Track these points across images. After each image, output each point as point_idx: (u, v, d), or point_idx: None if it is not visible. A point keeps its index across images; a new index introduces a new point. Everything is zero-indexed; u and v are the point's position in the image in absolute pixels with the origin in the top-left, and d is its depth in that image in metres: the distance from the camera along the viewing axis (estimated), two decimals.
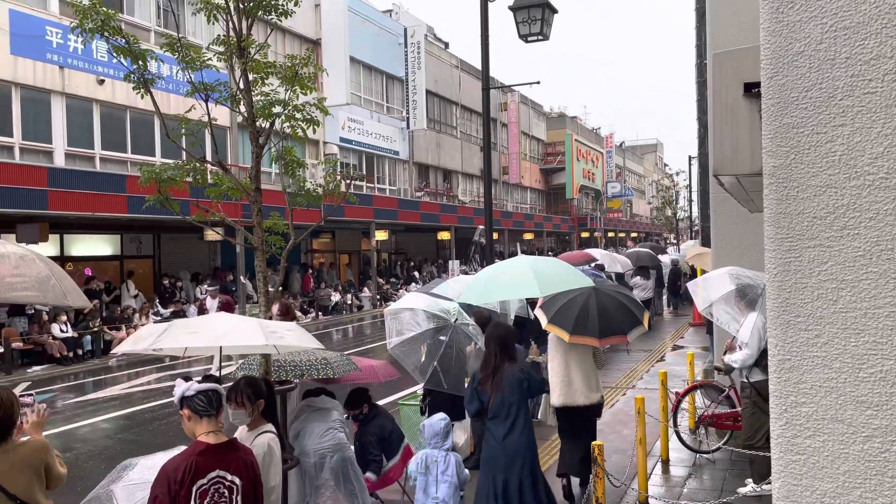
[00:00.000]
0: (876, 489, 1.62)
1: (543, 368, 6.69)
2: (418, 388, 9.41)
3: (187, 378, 3.45)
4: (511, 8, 9.84)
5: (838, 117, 1.65)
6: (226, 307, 12.73)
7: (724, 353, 6.63)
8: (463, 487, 5.06)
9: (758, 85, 1.77)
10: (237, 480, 3.31)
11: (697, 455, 7.39)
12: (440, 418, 5.11)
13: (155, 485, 3.20)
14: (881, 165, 1.61)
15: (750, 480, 6.28)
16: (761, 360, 6.07)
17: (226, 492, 3.27)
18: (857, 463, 1.64)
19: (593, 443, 5.12)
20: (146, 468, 3.84)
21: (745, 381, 6.30)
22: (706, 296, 6.46)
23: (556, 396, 6.01)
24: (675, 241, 46.26)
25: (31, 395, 4.09)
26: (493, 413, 4.96)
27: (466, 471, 5.16)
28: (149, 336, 3.92)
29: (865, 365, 1.63)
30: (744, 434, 6.41)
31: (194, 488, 3.18)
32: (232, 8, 5.29)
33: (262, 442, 3.81)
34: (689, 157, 40.83)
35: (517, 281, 6.19)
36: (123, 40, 4.87)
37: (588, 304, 6.03)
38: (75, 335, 15.69)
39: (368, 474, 5.43)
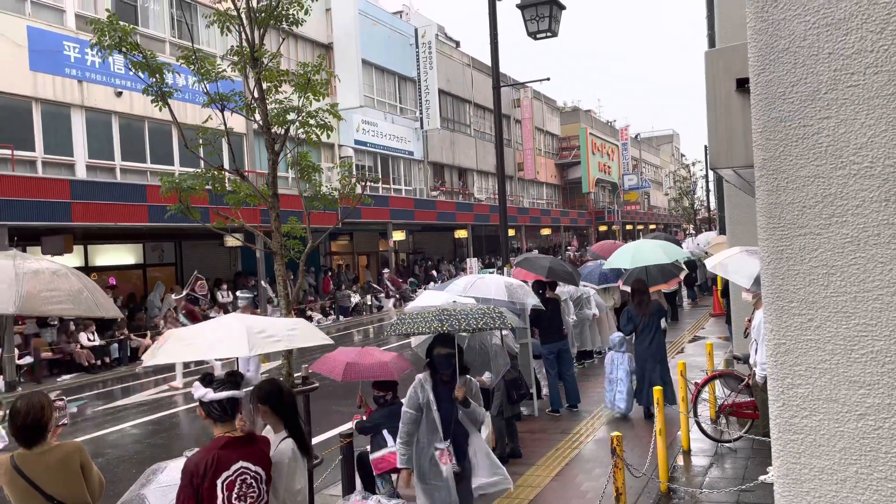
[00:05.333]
0: (871, 465, 1.69)
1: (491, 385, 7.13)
2: None
3: (207, 379, 3.56)
4: (519, 6, 9.90)
5: (823, 110, 1.72)
6: (190, 317, 12.61)
7: (745, 332, 6.79)
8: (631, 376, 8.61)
9: (749, 80, 1.84)
10: (261, 470, 3.43)
11: (719, 444, 7.42)
12: (617, 334, 8.92)
13: (181, 481, 3.35)
14: (865, 155, 1.68)
15: (771, 468, 6.31)
16: None
17: (252, 482, 3.40)
18: (852, 440, 1.71)
19: (612, 434, 5.20)
20: (176, 470, 3.96)
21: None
22: (717, 258, 6.71)
23: None
24: (693, 232, 45.92)
25: (62, 399, 4.24)
26: (641, 329, 8.49)
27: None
28: (153, 349, 3.99)
29: (857, 346, 1.70)
30: (762, 422, 6.45)
31: (219, 481, 3.30)
32: (244, 19, 5.42)
33: (286, 447, 3.91)
34: (705, 147, 40.55)
35: (654, 252, 10.31)
36: (141, 55, 5.02)
37: (650, 270, 10.69)
38: (103, 343, 16.00)
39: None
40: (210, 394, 3.45)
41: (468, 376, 4.95)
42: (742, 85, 2.22)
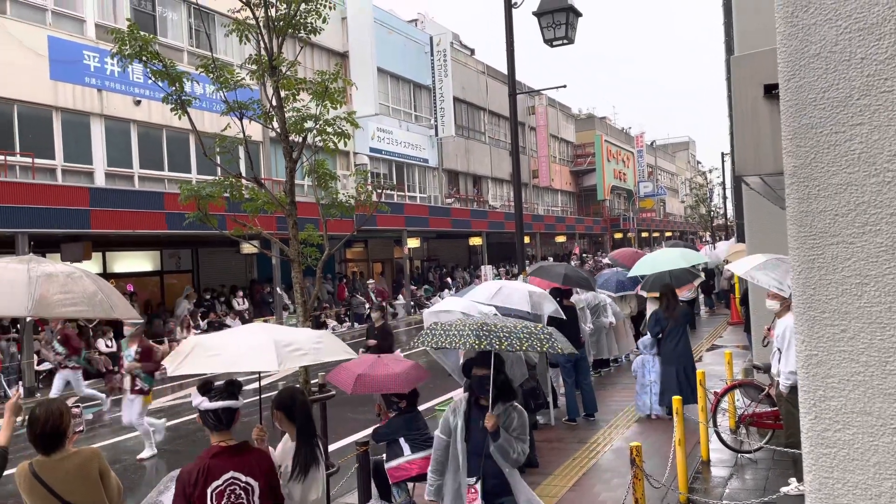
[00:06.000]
0: None
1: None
2: (453, 394, 9.48)
3: (205, 387, 3.54)
4: (535, 13, 9.88)
5: (856, 116, 1.68)
6: (145, 355, 9.39)
7: (764, 341, 6.69)
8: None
9: (777, 86, 1.81)
10: (252, 482, 3.41)
11: (739, 455, 7.32)
12: (646, 339, 9.10)
13: (174, 490, 3.37)
14: None
15: (793, 479, 6.20)
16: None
17: (242, 493, 3.38)
18: (886, 454, 1.67)
19: (631, 444, 5.14)
20: None
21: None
22: (744, 264, 6.51)
23: None
24: (710, 240, 45.57)
25: (78, 406, 4.26)
26: (668, 332, 8.68)
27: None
28: (176, 358, 3.93)
29: (892, 358, 1.66)
30: (785, 433, 6.35)
31: (209, 490, 3.30)
32: (262, 27, 5.45)
33: (292, 448, 3.92)
34: (722, 154, 40.30)
35: (674, 258, 11.00)
36: (161, 64, 5.05)
37: (670, 275, 10.82)
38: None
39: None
40: (205, 402, 3.45)
41: (515, 403, 4.34)
42: (770, 91, 2.19)
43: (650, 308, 10.14)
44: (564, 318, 8.69)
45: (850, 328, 1.70)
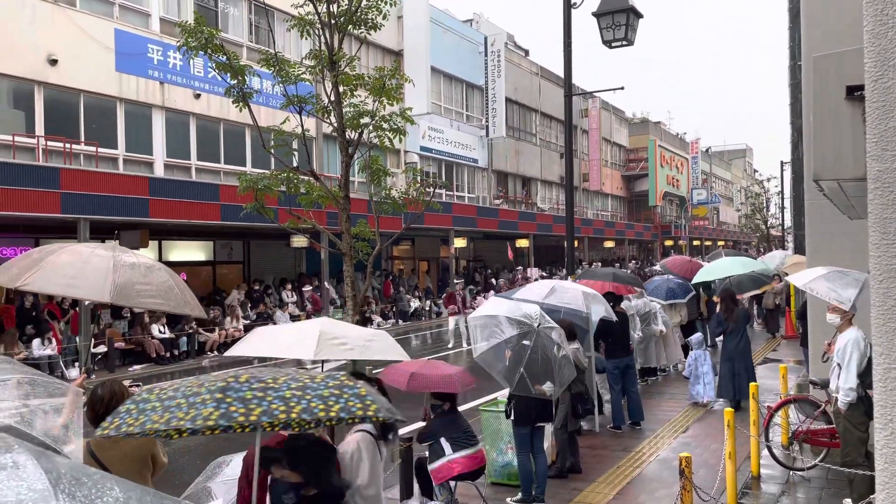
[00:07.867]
0: None
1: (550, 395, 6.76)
2: (498, 395, 9.43)
3: None
4: (595, 14, 9.76)
5: None
6: None
7: (823, 357, 6.45)
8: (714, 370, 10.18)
9: (861, 88, 1.73)
10: None
11: (791, 472, 7.09)
12: (697, 336, 10.67)
13: (241, 471, 3.47)
14: None
15: (848, 500, 5.98)
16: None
17: None
18: None
19: (680, 455, 5.03)
20: (240, 465, 4.05)
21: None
22: (804, 276, 6.31)
23: None
24: (762, 250, 44.36)
25: (138, 384, 4.39)
26: (729, 333, 9.49)
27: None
28: (244, 340, 4.21)
29: None
30: (843, 451, 6.12)
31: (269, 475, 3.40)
32: (323, 23, 5.51)
33: (350, 440, 3.96)
34: (781, 163, 39.24)
35: (729, 266, 12.41)
36: (225, 57, 5.15)
37: (735, 281, 12.10)
38: (172, 336, 16.54)
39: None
40: None
41: None
42: (853, 92, 2.09)
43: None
44: (615, 319, 8.59)
45: None
